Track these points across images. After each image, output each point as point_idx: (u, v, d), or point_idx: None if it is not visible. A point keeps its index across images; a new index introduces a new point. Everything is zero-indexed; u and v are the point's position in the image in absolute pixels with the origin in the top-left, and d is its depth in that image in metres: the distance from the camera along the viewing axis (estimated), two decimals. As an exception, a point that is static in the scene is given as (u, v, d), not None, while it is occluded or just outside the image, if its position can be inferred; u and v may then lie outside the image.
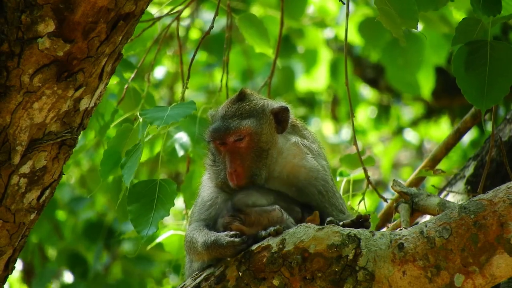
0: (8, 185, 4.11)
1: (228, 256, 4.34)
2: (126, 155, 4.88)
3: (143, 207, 4.77)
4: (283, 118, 4.74)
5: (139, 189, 4.82)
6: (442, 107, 11.42)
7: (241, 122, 4.68)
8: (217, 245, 4.34)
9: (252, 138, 4.68)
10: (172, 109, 4.75)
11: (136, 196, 4.80)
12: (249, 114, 4.72)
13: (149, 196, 4.80)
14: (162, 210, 4.75)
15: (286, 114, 4.75)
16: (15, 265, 4.34)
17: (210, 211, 4.65)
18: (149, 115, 4.74)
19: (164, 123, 4.67)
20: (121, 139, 5.21)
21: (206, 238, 4.39)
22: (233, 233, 4.34)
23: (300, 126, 4.86)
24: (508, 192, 4.12)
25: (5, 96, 3.98)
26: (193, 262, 4.56)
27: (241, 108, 4.73)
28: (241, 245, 4.31)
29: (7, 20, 3.91)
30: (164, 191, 4.81)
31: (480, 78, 4.73)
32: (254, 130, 4.68)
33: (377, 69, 11.04)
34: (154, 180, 4.85)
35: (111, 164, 5.17)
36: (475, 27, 4.78)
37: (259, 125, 4.69)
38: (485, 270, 4.08)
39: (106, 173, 5.17)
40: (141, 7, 4.06)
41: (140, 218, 4.75)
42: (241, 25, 5.82)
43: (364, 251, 4.16)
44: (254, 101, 4.76)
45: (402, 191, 4.94)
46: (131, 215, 4.76)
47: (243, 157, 4.67)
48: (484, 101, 4.73)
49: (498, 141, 5.69)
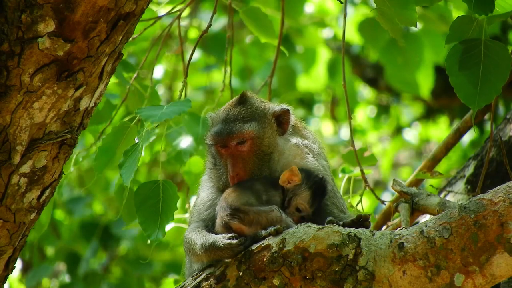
0: (9, 184, 4.11)
1: (226, 258, 4.34)
2: (124, 155, 4.88)
3: (149, 209, 4.82)
4: (284, 120, 4.75)
5: (143, 191, 4.85)
6: (442, 107, 11.43)
7: (244, 126, 4.67)
8: (214, 247, 4.33)
9: (254, 142, 4.67)
10: (168, 107, 4.75)
11: (142, 199, 4.83)
12: (251, 117, 4.71)
13: (153, 197, 4.84)
14: (168, 213, 4.81)
15: (288, 116, 4.75)
16: (15, 264, 4.34)
17: (209, 212, 4.64)
18: (145, 112, 4.76)
19: (158, 120, 4.67)
20: (117, 136, 5.20)
21: (204, 240, 4.39)
22: (231, 235, 4.34)
23: (301, 126, 4.86)
24: (508, 192, 4.12)
25: (5, 95, 3.98)
26: (193, 263, 4.55)
27: (242, 111, 4.72)
28: (238, 247, 4.30)
29: (7, 19, 3.90)
30: (167, 193, 4.85)
31: (473, 77, 4.73)
32: (257, 133, 4.67)
33: (377, 69, 11.04)
34: (156, 181, 4.87)
35: (105, 160, 5.17)
36: (470, 26, 4.78)
37: (261, 128, 4.68)
38: (485, 270, 4.08)
39: (100, 169, 5.17)
40: (141, 7, 4.05)
41: (148, 221, 4.79)
42: (245, 18, 5.83)
43: (364, 250, 4.16)
44: (255, 104, 4.76)
45: (402, 190, 4.94)
46: (139, 218, 4.79)
47: (245, 161, 4.67)
48: (476, 100, 4.73)
49: (498, 140, 5.69)
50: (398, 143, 12.34)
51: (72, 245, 9.80)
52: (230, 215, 4.38)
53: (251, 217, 4.36)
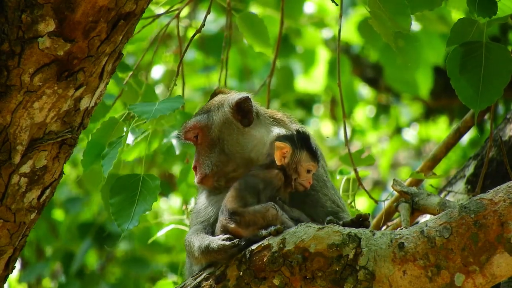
0: (9, 184, 4.11)
1: (221, 260, 4.32)
2: (109, 146, 4.85)
3: (125, 201, 4.73)
4: (246, 109, 4.67)
5: (121, 183, 4.78)
6: (442, 107, 11.43)
7: (193, 118, 4.71)
8: (209, 249, 4.33)
9: (204, 133, 4.67)
10: (160, 103, 4.73)
11: (118, 190, 4.76)
12: (206, 110, 4.73)
13: (131, 190, 4.75)
14: (144, 205, 4.71)
15: (248, 104, 4.67)
16: (15, 264, 4.34)
17: (207, 213, 4.63)
18: (138, 109, 4.72)
19: (152, 117, 4.65)
20: (105, 131, 5.17)
21: (200, 242, 4.38)
22: (226, 236, 4.33)
23: (287, 120, 4.79)
24: (508, 192, 4.12)
25: (5, 95, 3.98)
26: (193, 265, 4.55)
27: (203, 106, 4.77)
28: (231, 248, 4.29)
29: (7, 19, 3.90)
30: (147, 186, 4.77)
31: (474, 79, 4.73)
32: (204, 124, 4.67)
33: (377, 69, 11.04)
34: (137, 175, 4.81)
35: (93, 155, 5.14)
36: (470, 28, 4.78)
37: (209, 119, 4.67)
38: (485, 270, 4.08)
39: (88, 164, 5.12)
40: (142, 6, 4.05)
41: (121, 212, 4.71)
42: (240, 24, 5.78)
43: (364, 250, 4.16)
44: (218, 98, 4.76)
45: (402, 190, 4.94)
46: (112, 208, 4.71)
47: (200, 154, 4.68)
48: (478, 103, 4.73)
49: (498, 140, 5.69)
50: (397, 143, 12.34)
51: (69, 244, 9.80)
52: (228, 218, 4.37)
53: (247, 219, 4.35)
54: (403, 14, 4.62)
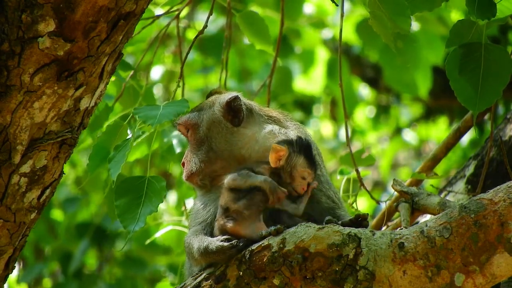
0: (9, 184, 4.11)
1: (220, 261, 4.32)
2: (114, 150, 4.85)
3: (131, 203, 4.73)
4: (236, 108, 4.68)
5: (127, 185, 4.78)
6: (441, 107, 11.43)
7: (186, 115, 4.74)
8: (208, 251, 4.32)
9: (193, 131, 4.71)
10: (165, 108, 4.73)
11: (123, 192, 4.76)
12: (199, 109, 4.76)
13: (137, 192, 4.76)
14: (150, 206, 4.71)
15: (238, 102, 4.68)
16: (15, 264, 4.34)
17: (205, 213, 4.62)
18: (143, 113, 4.72)
19: (157, 122, 4.65)
20: (111, 135, 5.18)
21: (199, 244, 4.38)
22: (224, 237, 4.32)
23: (282, 118, 4.78)
24: (508, 192, 4.12)
25: (5, 95, 3.98)
26: (193, 266, 4.54)
27: (198, 104, 4.81)
28: (230, 249, 4.28)
29: (7, 19, 3.90)
30: (152, 188, 4.77)
31: (473, 80, 4.73)
32: (194, 122, 4.71)
33: (377, 69, 11.04)
34: (142, 177, 4.81)
35: (99, 159, 5.15)
36: (470, 29, 4.79)
37: (199, 117, 4.70)
38: (485, 270, 4.09)
39: (94, 168, 5.14)
40: (142, 6, 4.06)
41: (127, 214, 4.71)
42: (241, 23, 5.78)
43: (364, 250, 4.16)
44: (212, 98, 4.79)
45: (403, 190, 4.94)
46: (118, 210, 4.71)
47: (190, 150, 4.73)
48: (477, 104, 4.73)
49: (498, 140, 5.69)
50: (397, 144, 12.34)
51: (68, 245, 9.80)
52: (225, 218, 4.36)
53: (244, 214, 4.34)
54: (403, 15, 4.62)
